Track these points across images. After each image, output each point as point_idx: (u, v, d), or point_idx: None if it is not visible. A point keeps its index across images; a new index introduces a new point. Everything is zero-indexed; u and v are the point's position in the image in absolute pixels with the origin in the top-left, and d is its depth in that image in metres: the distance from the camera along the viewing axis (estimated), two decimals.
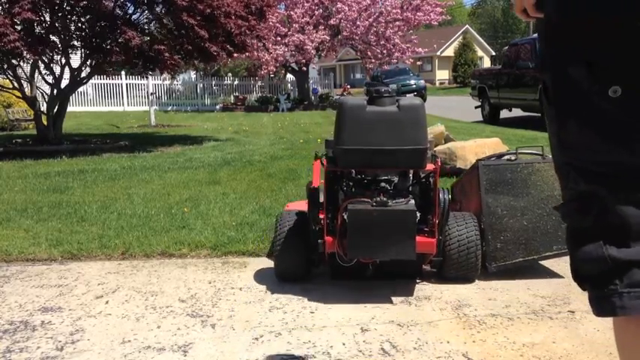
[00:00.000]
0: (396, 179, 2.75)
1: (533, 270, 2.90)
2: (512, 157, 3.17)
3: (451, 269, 2.78)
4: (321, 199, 2.71)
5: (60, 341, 2.18)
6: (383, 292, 2.63)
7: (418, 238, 2.53)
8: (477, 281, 2.76)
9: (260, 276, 2.91)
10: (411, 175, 2.78)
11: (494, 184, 3.01)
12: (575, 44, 1.07)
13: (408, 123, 2.52)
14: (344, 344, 2.10)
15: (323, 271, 2.93)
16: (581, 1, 1.06)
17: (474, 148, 5.52)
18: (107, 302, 2.59)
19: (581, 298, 2.49)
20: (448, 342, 2.10)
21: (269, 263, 3.10)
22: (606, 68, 1.03)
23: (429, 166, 2.65)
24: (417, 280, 2.82)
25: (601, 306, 1.10)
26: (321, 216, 2.65)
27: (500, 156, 3.34)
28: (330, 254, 2.68)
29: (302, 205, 3.19)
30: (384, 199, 2.53)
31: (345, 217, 2.52)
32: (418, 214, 2.55)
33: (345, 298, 2.57)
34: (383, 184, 2.70)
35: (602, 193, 1.09)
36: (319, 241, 2.65)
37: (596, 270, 1.10)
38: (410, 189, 2.73)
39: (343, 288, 2.70)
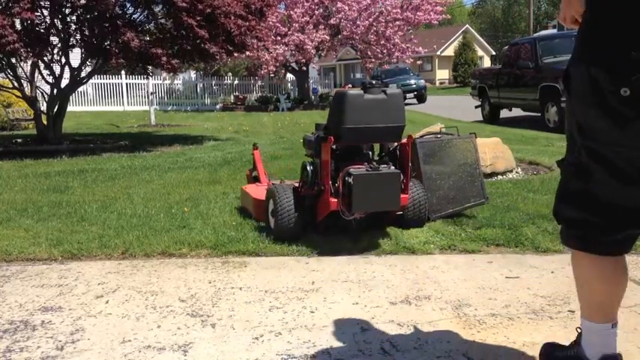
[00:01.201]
0: (369, 151, 3.53)
1: (533, 269, 2.90)
2: (438, 135, 4.26)
3: (409, 219, 3.64)
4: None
5: (60, 341, 2.18)
6: (383, 292, 2.63)
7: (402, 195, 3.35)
8: (476, 281, 2.76)
9: (260, 276, 2.91)
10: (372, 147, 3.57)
11: (428, 156, 4.00)
12: (603, 49, 1.38)
13: (393, 107, 3.31)
14: (344, 344, 2.11)
15: (323, 278, 2.93)
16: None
17: None
18: (107, 302, 2.59)
19: None
20: (448, 342, 2.10)
21: (269, 263, 3.11)
22: (621, 73, 1.34)
23: (404, 140, 3.45)
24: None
25: (566, 240, 1.64)
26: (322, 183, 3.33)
27: (427, 134, 4.40)
28: (329, 213, 3.34)
29: (253, 187, 4.23)
30: (375, 165, 3.32)
31: (350, 180, 3.18)
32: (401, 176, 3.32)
33: (345, 298, 2.57)
34: (365, 155, 3.49)
35: (593, 169, 1.49)
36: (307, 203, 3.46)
37: (572, 215, 1.59)
38: (387, 158, 3.54)
39: (343, 288, 2.70)
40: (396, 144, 3.53)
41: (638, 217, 1.52)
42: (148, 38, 8.99)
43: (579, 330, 1.75)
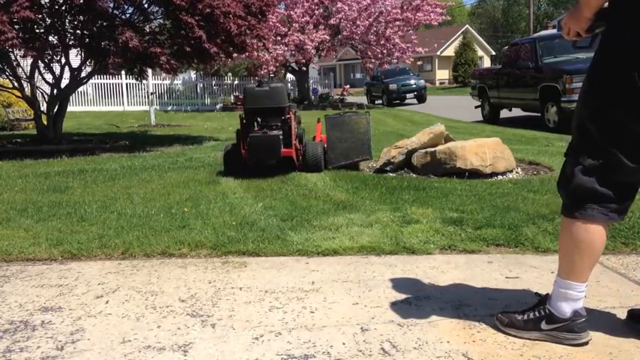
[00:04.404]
0: (270, 122, 5.70)
1: (533, 269, 2.90)
2: (341, 113, 6.31)
3: (309, 167, 5.85)
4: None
5: (60, 341, 2.18)
6: (383, 292, 2.63)
7: (283, 150, 5.62)
8: (476, 281, 2.76)
9: (260, 276, 2.91)
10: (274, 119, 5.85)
11: (332, 126, 6.11)
12: (631, 63, 1.82)
13: (276, 95, 5.67)
14: (344, 344, 2.11)
15: (323, 278, 2.93)
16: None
17: (474, 148, 5.51)
18: (107, 302, 2.59)
19: None
20: (448, 342, 2.10)
21: (269, 263, 3.11)
22: None
23: (289, 115, 5.74)
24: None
25: (582, 214, 1.93)
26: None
27: (337, 114, 6.38)
28: (244, 159, 5.71)
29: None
30: (267, 131, 5.55)
31: (249, 140, 5.46)
32: (282, 138, 5.56)
33: (345, 298, 2.57)
34: (264, 124, 5.71)
35: (614, 151, 1.87)
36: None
37: (587, 194, 1.92)
38: (279, 126, 5.70)
39: (343, 288, 2.70)
40: (286, 117, 5.68)
41: None
42: (147, 38, 8.97)
43: (540, 294, 2.15)
